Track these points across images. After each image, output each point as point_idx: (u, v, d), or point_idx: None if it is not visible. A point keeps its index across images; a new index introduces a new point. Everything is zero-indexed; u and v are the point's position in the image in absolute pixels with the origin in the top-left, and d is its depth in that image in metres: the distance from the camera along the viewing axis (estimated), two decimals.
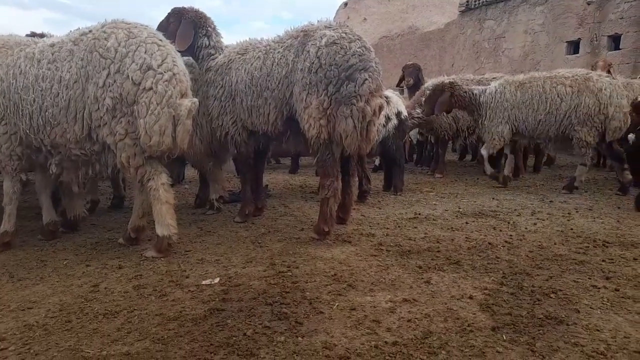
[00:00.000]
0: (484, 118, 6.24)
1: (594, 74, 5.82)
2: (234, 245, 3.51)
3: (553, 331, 2.09)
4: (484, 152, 6.32)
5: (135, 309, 2.38)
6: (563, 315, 2.25)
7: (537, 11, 14.01)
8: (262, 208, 4.60)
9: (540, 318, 2.22)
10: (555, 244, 3.52)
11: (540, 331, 2.09)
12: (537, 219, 4.39)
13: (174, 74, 3.06)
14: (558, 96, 5.72)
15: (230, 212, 4.72)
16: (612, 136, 5.60)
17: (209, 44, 4.23)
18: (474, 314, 2.28)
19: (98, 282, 2.76)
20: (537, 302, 2.41)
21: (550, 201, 5.27)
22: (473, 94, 6.32)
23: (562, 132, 5.79)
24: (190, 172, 7.54)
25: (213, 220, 4.40)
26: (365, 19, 23.58)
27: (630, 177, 5.71)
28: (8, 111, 3.23)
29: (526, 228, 4.03)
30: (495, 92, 6.18)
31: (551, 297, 2.47)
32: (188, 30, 4.16)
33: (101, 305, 2.44)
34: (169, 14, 4.28)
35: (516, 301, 2.43)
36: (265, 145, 4.25)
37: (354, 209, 4.48)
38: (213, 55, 4.20)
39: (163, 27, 4.13)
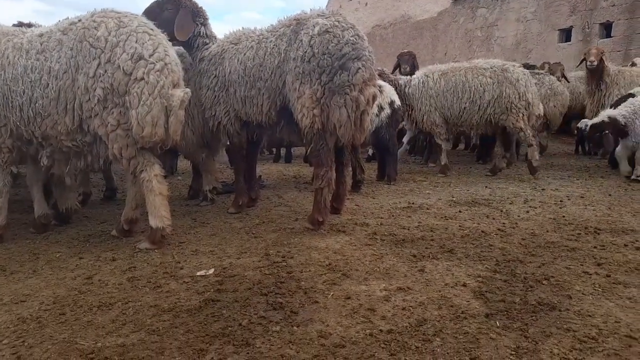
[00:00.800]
0: (412, 109, 6.51)
1: (509, 64, 6.22)
2: (228, 236, 3.50)
3: (545, 317, 2.12)
4: (438, 141, 6.58)
5: (129, 301, 2.37)
6: (555, 302, 2.27)
7: None
8: (256, 199, 4.59)
9: (533, 304, 2.24)
10: (547, 231, 3.56)
11: (533, 317, 2.12)
12: (530, 207, 4.42)
13: (165, 64, 3.01)
14: (481, 86, 6.05)
15: (224, 203, 4.71)
16: (534, 122, 6.13)
17: (205, 33, 4.18)
18: (468, 301, 2.30)
19: (92, 275, 2.75)
20: (529, 289, 2.43)
21: (543, 189, 5.31)
22: (399, 84, 6.47)
23: (487, 120, 6.16)
24: (182, 164, 7.51)
25: (207, 212, 4.39)
26: (357, 8, 23.40)
27: (504, 165, 6.44)
28: None
29: (519, 216, 4.06)
30: (419, 83, 6.43)
31: (543, 284, 2.50)
32: (188, 19, 4.07)
33: (95, 297, 2.43)
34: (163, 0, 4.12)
35: (509, 288, 2.46)
36: (258, 135, 4.23)
37: (348, 198, 4.48)
38: (207, 44, 4.15)
39: (154, 12, 3.95)
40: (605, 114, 5.81)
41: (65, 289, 2.56)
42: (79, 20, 3.06)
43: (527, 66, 8.22)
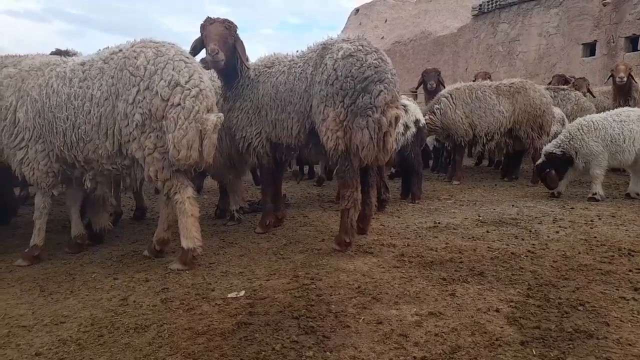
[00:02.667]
0: None
1: None
2: (257, 257, 3.54)
3: (583, 345, 2.08)
4: None
5: (164, 323, 2.42)
6: (592, 329, 2.23)
7: (551, 13, 13.90)
8: (282, 218, 4.64)
9: (569, 332, 2.20)
10: (579, 253, 3.49)
11: (570, 345, 2.08)
12: (559, 226, 4.35)
13: (200, 90, 3.14)
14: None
15: (251, 223, 4.77)
16: None
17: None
18: (502, 327, 2.28)
19: (127, 296, 2.82)
20: (565, 315, 2.39)
21: (572, 208, 5.21)
22: None
23: None
24: (208, 182, 7.62)
25: (234, 231, 4.45)
26: (377, 25, 23.62)
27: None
28: (44, 130, 3.35)
29: (548, 237, 3.99)
30: None
31: (579, 310, 2.45)
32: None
33: (131, 319, 2.49)
34: (232, 26, 3.96)
35: (544, 314, 2.42)
36: (286, 156, 4.29)
37: (373, 218, 4.48)
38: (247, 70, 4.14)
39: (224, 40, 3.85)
40: (544, 150, 5.91)
41: (101, 310, 2.63)
42: (120, 50, 3.22)
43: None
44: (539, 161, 5.97)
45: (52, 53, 5.26)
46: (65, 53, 5.25)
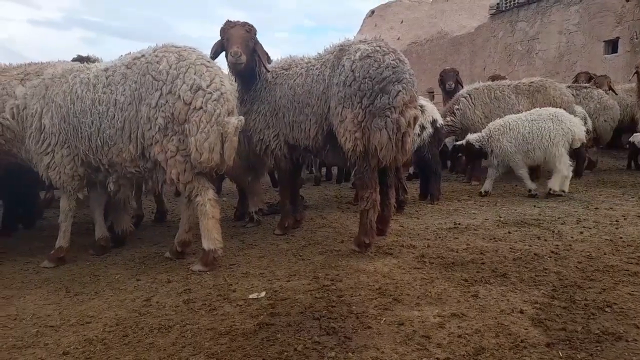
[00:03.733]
0: None
1: None
2: (276, 259, 3.56)
3: (612, 348, 2.03)
4: None
5: (187, 324, 2.45)
6: (621, 331, 2.17)
7: (571, 11, 13.64)
8: (301, 220, 4.65)
9: (596, 334, 2.15)
10: (605, 254, 3.41)
11: (598, 348, 2.03)
12: (583, 227, 4.26)
13: (222, 94, 3.18)
14: None
15: (269, 224, 4.79)
16: None
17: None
18: (526, 329, 2.24)
19: (150, 296, 2.86)
20: (591, 317, 2.34)
21: (596, 208, 5.09)
22: None
23: None
24: (226, 185, 7.69)
25: (254, 233, 4.48)
26: (392, 26, 23.54)
27: None
28: (69, 135, 3.43)
29: (572, 237, 3.91)
30: None
31: (606, 312, 2.40)
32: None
33: (154, 319, 2.52)
34: (252, 30, 3.98)
35: (569, 316, 2.37)
36: (303, 158, 4.30)
37: (392, 219, 4.46)
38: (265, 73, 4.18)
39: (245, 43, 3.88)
40: (466, 138, 6.27)
41: (125, 310, 2.67)
42: (142, 55, 3.29)
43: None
44: (459, 143, 6.44)
45: (74, 60, 5.37)
46: (87, 59, 5.35)
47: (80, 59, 5.42)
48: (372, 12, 27.70)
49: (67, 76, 3.47)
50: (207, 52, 3.94)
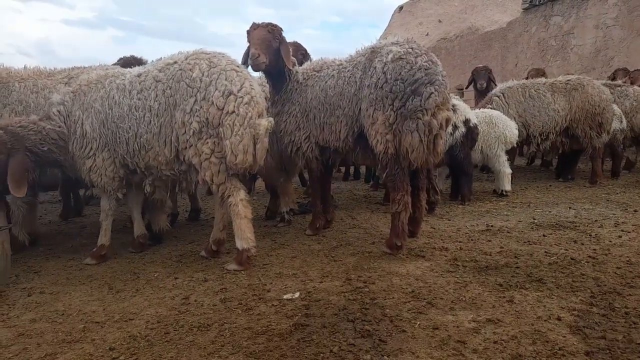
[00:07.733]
0: None
1: None
2: (309, 259, 3.60)
3: None
4: None
5: (225, 322, 2.52)
6: None
7: (609, 4, 13.16)
8: (331, 220, 4.68)
9: (638, 343, 2.11)
10: None
11: None
12: (622, 230, 4.14)
13: (252, 97, 3.28)
14: None
15: (300, 224, 4.85)
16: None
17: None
18: (564, 336, 2.21)
19: (188, 295, 2.95)
20: (633, 326, 2.29)
21: (635, 211, 4.94)
22: None
23: None
24: (257, 184, 7.79)
25: (285, 233, 4.54)
26: (421, 22, 23.23)
27: None
28: (108, 139, 3.57)
29: (610, 241, 3.81)
30: None
31: None
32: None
33: (194, 317, 2.61)
34: (275, 29, 3.95)
35: (609, 324, 2.33)
36: (334, 159, 4.33)
37: (424, 220, 4.45)
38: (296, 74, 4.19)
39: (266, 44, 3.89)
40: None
41: (166, 308, 2.77)
42: (175, 62, 3.41)
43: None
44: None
45: (122, 61, 5.52)
46: (139, 61, 5.47)
47: (128, 61, 5.53)
48: (401, 8, 27.37)
49: (103, 81, 3.61)
50: (238, 48, 4.04)
